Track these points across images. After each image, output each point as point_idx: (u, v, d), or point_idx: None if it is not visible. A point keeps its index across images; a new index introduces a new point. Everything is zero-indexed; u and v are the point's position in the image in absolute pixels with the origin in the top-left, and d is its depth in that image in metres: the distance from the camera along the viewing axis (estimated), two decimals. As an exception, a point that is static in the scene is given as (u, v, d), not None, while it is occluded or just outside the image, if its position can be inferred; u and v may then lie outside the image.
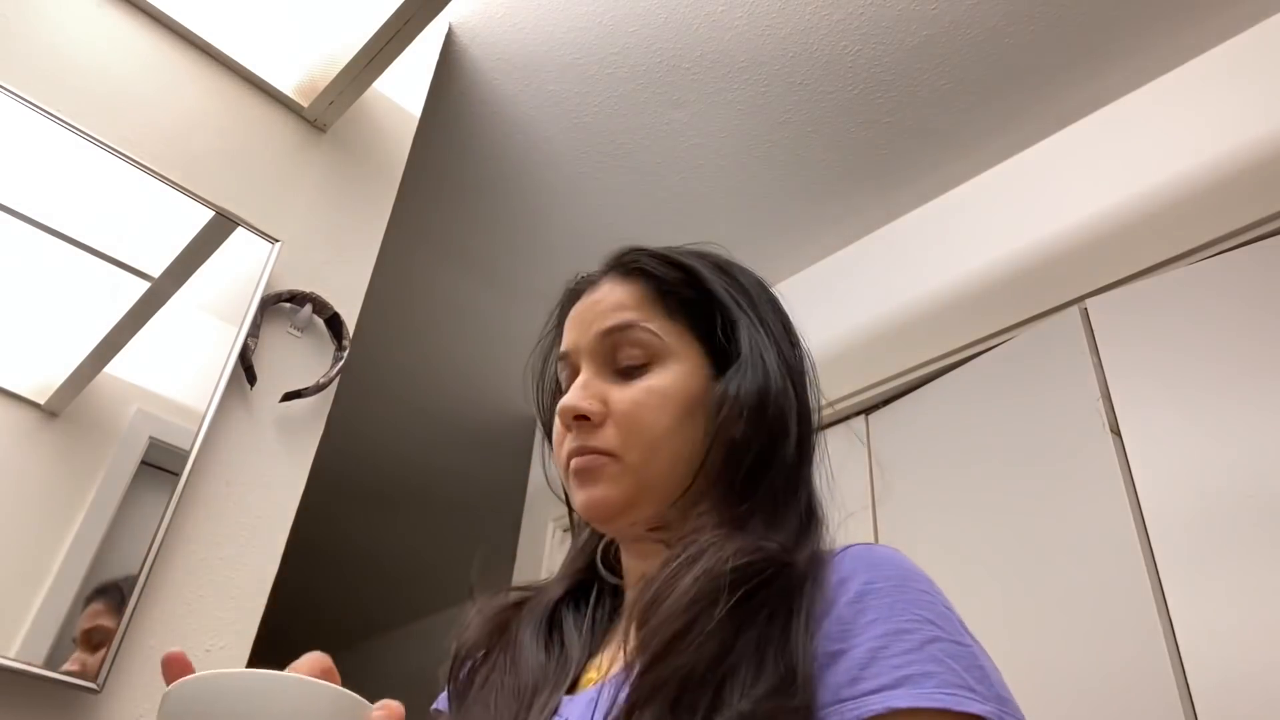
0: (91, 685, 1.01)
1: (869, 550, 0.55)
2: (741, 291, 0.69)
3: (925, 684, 0.46)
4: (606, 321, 0.65)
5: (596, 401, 0.63)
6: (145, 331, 1.19)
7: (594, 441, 0.62)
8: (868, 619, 0.50)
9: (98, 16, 1.32)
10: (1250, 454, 1.25)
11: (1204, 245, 1.47)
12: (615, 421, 0.62)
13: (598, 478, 0.61)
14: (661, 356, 0.64)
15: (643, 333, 0.64)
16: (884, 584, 0.51)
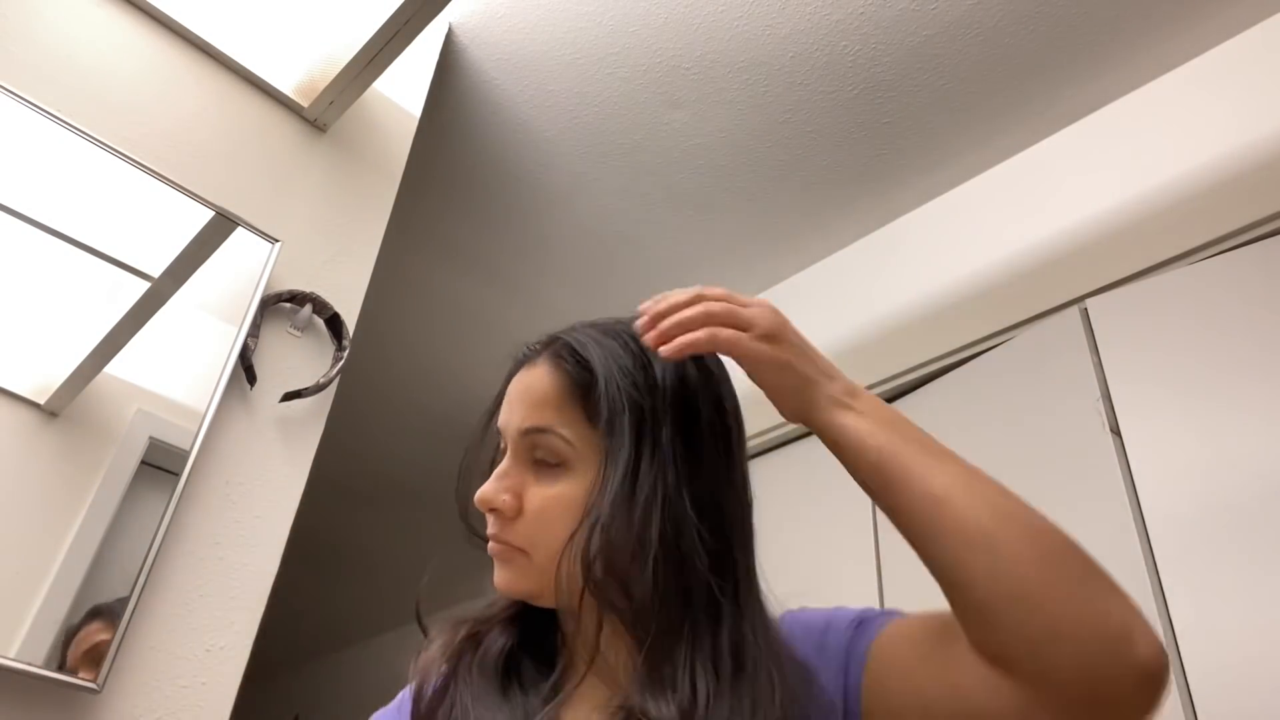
0: (91, 685, 1.01)
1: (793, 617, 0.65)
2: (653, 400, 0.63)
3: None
4: (525, 421, 0.64)
5: (511, 495, 0.63)
6: (145, 331, 1.19)
7: (505, 535, 0.63)
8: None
9: (97, 16, 1.32)
10: (1250, 454, 1.25)
11: (1204, 245, 1.47)
12: (526, 520, 0.63)
13: (508, 566, 0.64)
14: (572, 464, 0.62)
15: (556, 439, 0.63)
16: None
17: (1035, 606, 0.50)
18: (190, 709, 1.08)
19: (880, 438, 0.58)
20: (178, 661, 1.09)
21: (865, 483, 0.59)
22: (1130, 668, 0.49)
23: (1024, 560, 0.51)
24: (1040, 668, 0.50)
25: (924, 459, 0.56)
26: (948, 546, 0.53)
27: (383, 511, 3.37)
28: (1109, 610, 0.51)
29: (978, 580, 0.52)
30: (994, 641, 0.52)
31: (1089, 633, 0.50)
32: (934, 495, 0.54)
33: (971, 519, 0.53)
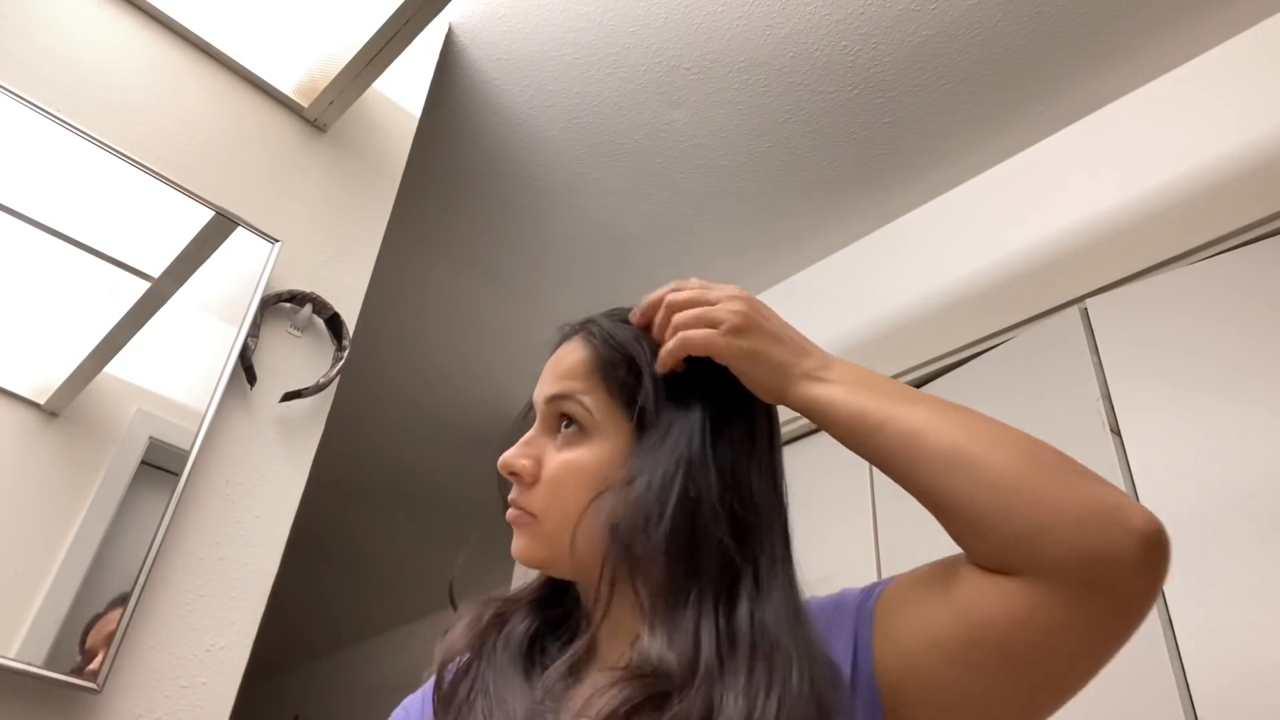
0: (91, 685, 1.01)
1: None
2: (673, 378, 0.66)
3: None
4: (552, 388, 0.67)
5: (531, 461, 0.66)
6: (145, 331, 1.19)
7: (521, 500, 0.65)
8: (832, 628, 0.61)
9: (98, 16, 1.32)
10: (1250, 454, 1.25)
11: (1204, 245, 1.47)
12: (541, 485, 0.65)
13: (522, 532, 0.66)
14: (590, 432, 0.65)
15: (576, 405, 0.65)
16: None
17: (1019, 504, 0.52)
18: (190, 709, 1.08)
19: (854, 397, 0.60)
20: (178, 661, 1.09)
21: (848, 440, 0.60)
22: (1125, 535, 0.50)
23: (1000, 465, 0.54)
24: (1038, 560, 0.52)
25: (898, 404, 0.59)
26: (929, 472, 0.56)
27: (383, 511, 3.37)
28: (1093, 493, 0.52)
29: (962, 495, 0.54)
30: (990, 549, 0.54)
31: (1076, 515, 0.51)
32: (909, 430, 0.57)
33: (946, 440, 0.56)
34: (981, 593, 0.54)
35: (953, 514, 0.55)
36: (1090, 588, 0.51)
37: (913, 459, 0.56)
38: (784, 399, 0.63)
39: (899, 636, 0.57)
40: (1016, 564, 0.53)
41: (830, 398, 0.61)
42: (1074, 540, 0.51)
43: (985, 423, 0.57)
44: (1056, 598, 0.51)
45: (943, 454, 0.55)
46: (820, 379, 0.62)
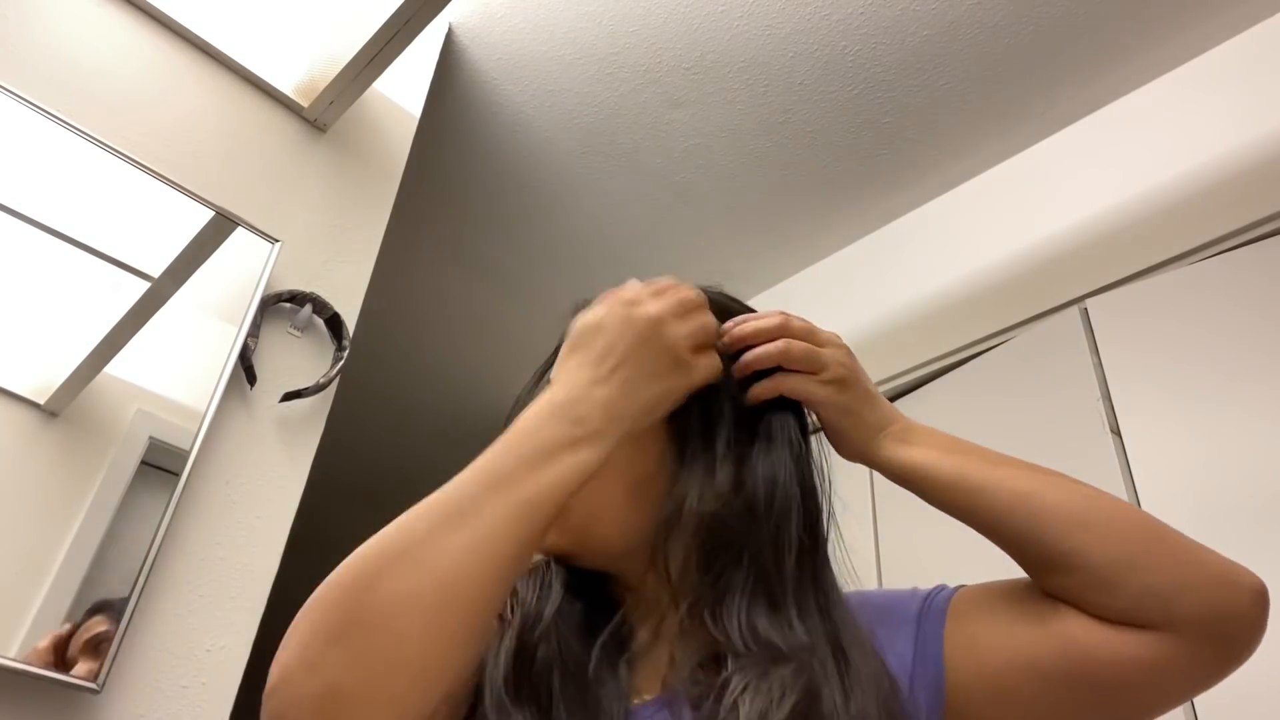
0: (91, 685, 1.00)
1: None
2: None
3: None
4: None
5: None
6: (145, 331, 1.19)
7: None
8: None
9: (98, 17, 1.32)
10: (1250, 454, 1.25)
11: (1204, 245, 1.47)
12: None
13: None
14: None
15: None
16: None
17: (1152, 564, 0.55)
18: (190, 709, 1.08)
19: (949, 460, 0.62)
20: (178, 661, 1.09)
21: (944, 502, 0.61)
22: (1246, 593, 0.55)
23: (1125, 529, 0.57)
24: (1175, 617, 0.55)
25: (997, 468, 0.61)
26: (1053, 530, 0.57)
27: (383, 511, 3.35)
28: (1209, 559, 0.56)
29: (1091, 553, 0.56)
30: (1119, 606, 0.56)
31: (1204, 575, 0.55)
32: (1022, 491, 0.59)
33: (1067, 501, 0.58)
34: (1101, 640, 0.56)
35: (1077, 571, 0.56)
36: (1218, 640, 0.55)
37: (1033, 518, 0.58)
38: (868, 459, 0.64)
39: (982, 646, 0.59)
40: (1150, 620, 0.55)
41: (925, 460, 0.62)
42: (1207, 599, 0.55)
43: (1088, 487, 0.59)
44: (1186, 649, 0.55)
45: (1068, 513, 0.57)
46: (909, 443, 0.63)
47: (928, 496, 0.62)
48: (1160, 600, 0.55)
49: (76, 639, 1.02)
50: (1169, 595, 0.55)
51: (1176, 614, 0.55)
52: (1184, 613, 0.55)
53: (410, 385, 2.76)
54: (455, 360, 2.66)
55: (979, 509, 0.60)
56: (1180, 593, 0.55)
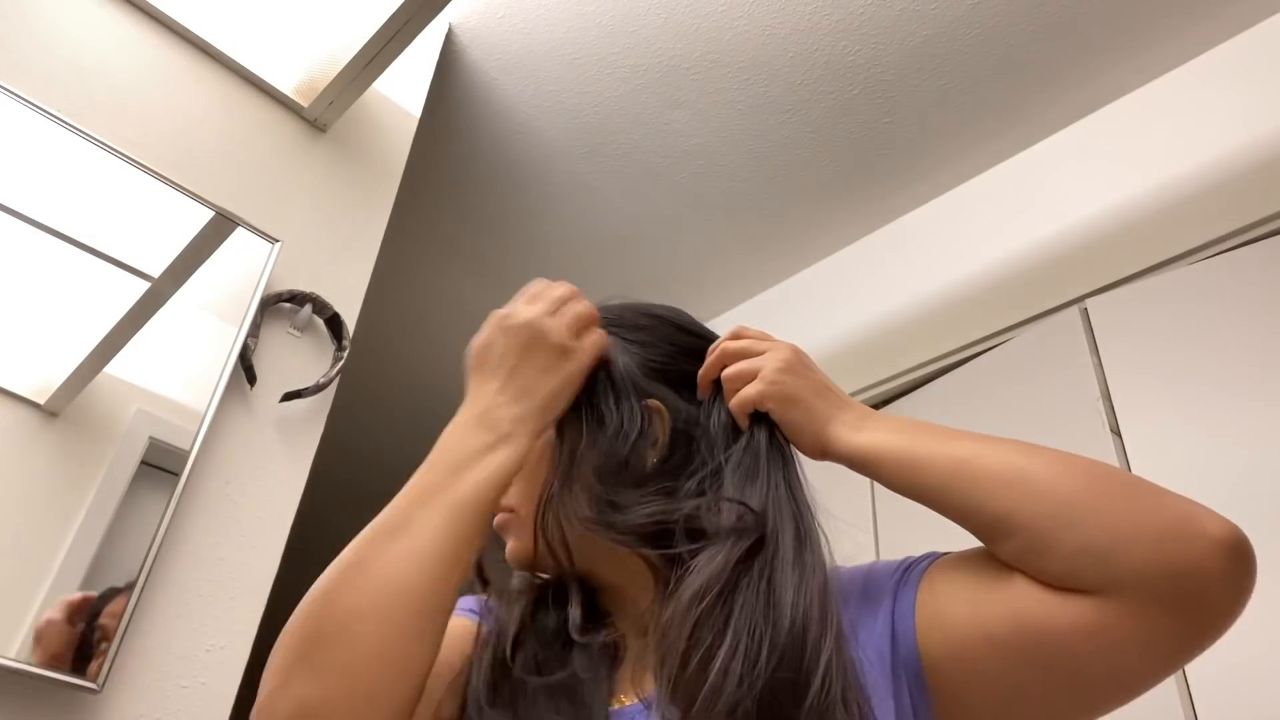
0: (91, 685, 1.00)
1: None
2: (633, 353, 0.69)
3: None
4: None
5: None
6: (145, 331, 1.19)
7: (503, 500, 0.66)
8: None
9: (98, 16, 1.32)
10: (1251, 454, 1.25)
11: (1204, 245, 1.47)
12: (518, 477, 0.65)
13: (506, 532, 0.67)
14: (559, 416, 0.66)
15: None
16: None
17: (1088, 519, 0.51)
18: (190, 709, 1.08)
19: (896, 438, 0.61)
20: (178, 661, 1.09)
21: (896, 480, 0.60)
22: (1206, 544, 0.49)
23: (1062, 481, 0.53)
24: (1113, 574, 0.50)
25: (943, 440, 0.59)
26: (985, 492, 0.55)
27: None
28: (1163, 504, 0.51)
29: (1024, 511, 0.53)
30: (1055, 568, 0.52)
31: (1150, 527, 0.50)
32: (961, 458, 0.57)
33: (1001, 461, 0.56)
34: (1045, 608, 0.52)
35: (1012, 533, 0.53)
36: (1172, 602, 0.49)
37: (967, 483, 0.56)
38: (826, 448, 0.64)
39: (946, 619, 0.57)
40: (1086, 581, 0.51)
41: (875, 441, 0.61)
42: (1152, 554, 0.49)
43: (1040, 447, 0.56)
44: (1133, 613, 0.50)
45: (999, 474, 0.55)
46: (862, 428, 0.63)
47: (882, 479, 0.61)
48: (1096, 557, 0.50)
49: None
50: (1105, 551, 0.50)
51: (1115, 573, 0.50)
52: (1123, 571, 0.49)
53: (410, 385, 2.76)
54: (455, 360, 2.65)
55: (924, 484, 0.58)
56: (1118, 548, 0.50)
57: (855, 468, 0.63)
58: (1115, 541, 0.50)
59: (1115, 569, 0.50)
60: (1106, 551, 0.50)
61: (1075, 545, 0.51)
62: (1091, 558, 0.50)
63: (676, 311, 0.74)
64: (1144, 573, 0.49)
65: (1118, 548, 0.50)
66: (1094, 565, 0.50)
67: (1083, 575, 0.51)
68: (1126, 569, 0.49)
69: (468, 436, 0.60)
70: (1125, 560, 0.49)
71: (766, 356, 0.66)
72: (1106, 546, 0.50)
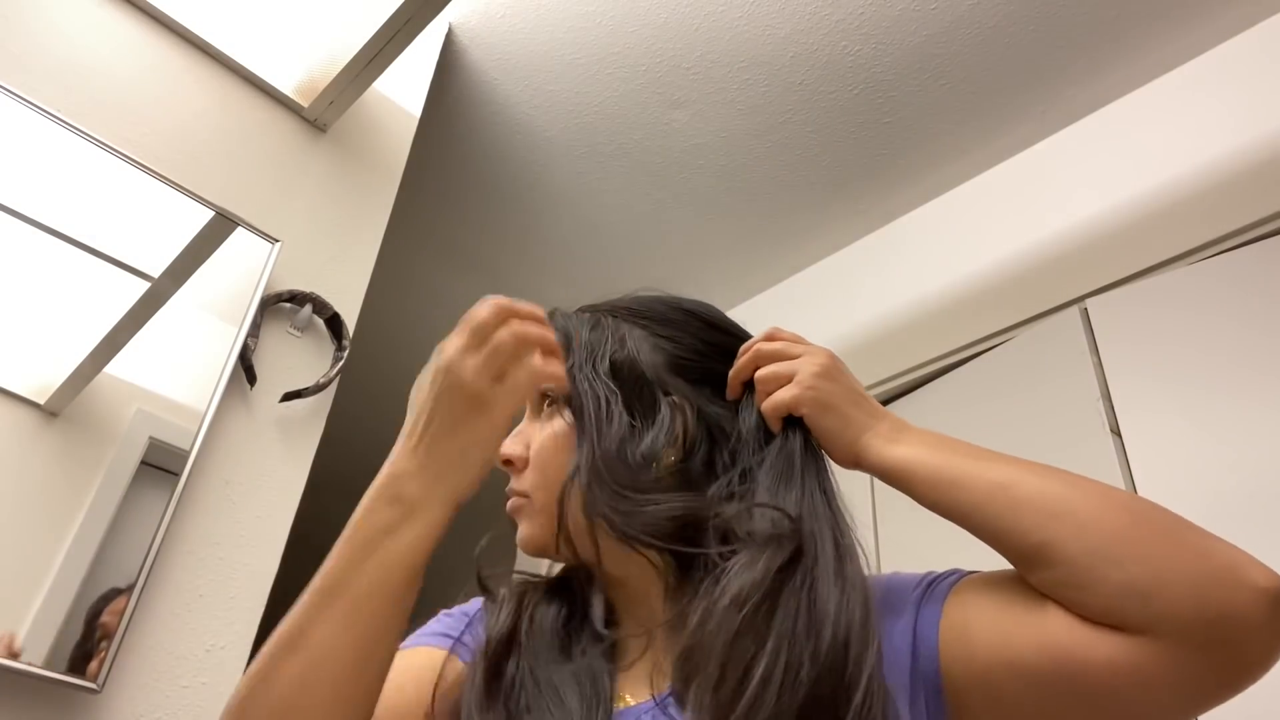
0: (91, 685, 1.01)
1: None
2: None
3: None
4: None
5: (520, 446, 0.66)
6: (145, 331, 1.19)
7: (514, 484, 0.66)
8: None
9: (98, 17, 1.32)
10: (1251, 453, 1.25)
11: (1204, 245, 1.47)
12: (530, 463, 0.65)
13: (520, 517, 0.66)
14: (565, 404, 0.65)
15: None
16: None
17: (1134, 558, 0.50)
18: (190, 709, 1.08)
19: (933, 456, 0.60)
20: (178, 661, 1.09)
21: (927, 498, 0.60)
22: (1250, 593, 0.48)
23: (1109, 517, 0.52)
24: (1154, 615, 0.49)
25: (980, 461, 0.58)
26: (1028, 520, 0.54)
27: (383, 511, 3.36)
28: (1210, 548, 0.50)
29: (1068, 545, 0.52)
30: (1096, 603, 0.51)
31: (1195, 571, 0.49)
32: (1000, 482, 0.56)
33: (1046, 490, 0.54)
34: (1080, 640, 0.51)
35: (1053, 564, 0.52)
36: (1210, 648, 0.49)
37: (1010, 509, 0.55)
38: (859, 457, 0.63)
39: (973, 644, 0.56)
40: (1126, 620, 0.50)
41: (910, 456, 0.60)
42: (1195, 598, 0.49)
43: (1081, 478, 0.55)
44: (1170, 655, 0.49)
45: (1046, 501, 0.54)
46: (897, 440, 0.62)
47: (914, 494, 0.61)
48: (1139, 598, 0.49)
49: (111, 611, 1.04)
50: (1148, 592, 0.49)
51: (1156, 614, 0.49)
52: (1165, 613, 0.49)
53: (410, 385, 2.76)
54: (455, 360, 2.66)
55: (959, 503, 0.57)
56: (1162, 590, 0.49)
57: (888, 480, 0.62)
58: (1159, 583, 0.49)
59: (1157, 610, 0.49)
60: (1149, 591, 0.49)
61: (1119, 583, 0.50)
62: (1134, 598, 0.50)
63: (708, 307, 0.73)
64: (1185, 616, 0.49)
65: (1161, 589, 0.49)
66: (1136, 605, 0.50)
67: (1124, 614, 0.50)
68: (1168, 611, 0.49)
69: (374, 511, 0.55)
70: (1168, 602, 0.49)
71: (802, 360, 0.65)
72: (1149, 587, 0.49)
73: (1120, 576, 0.50)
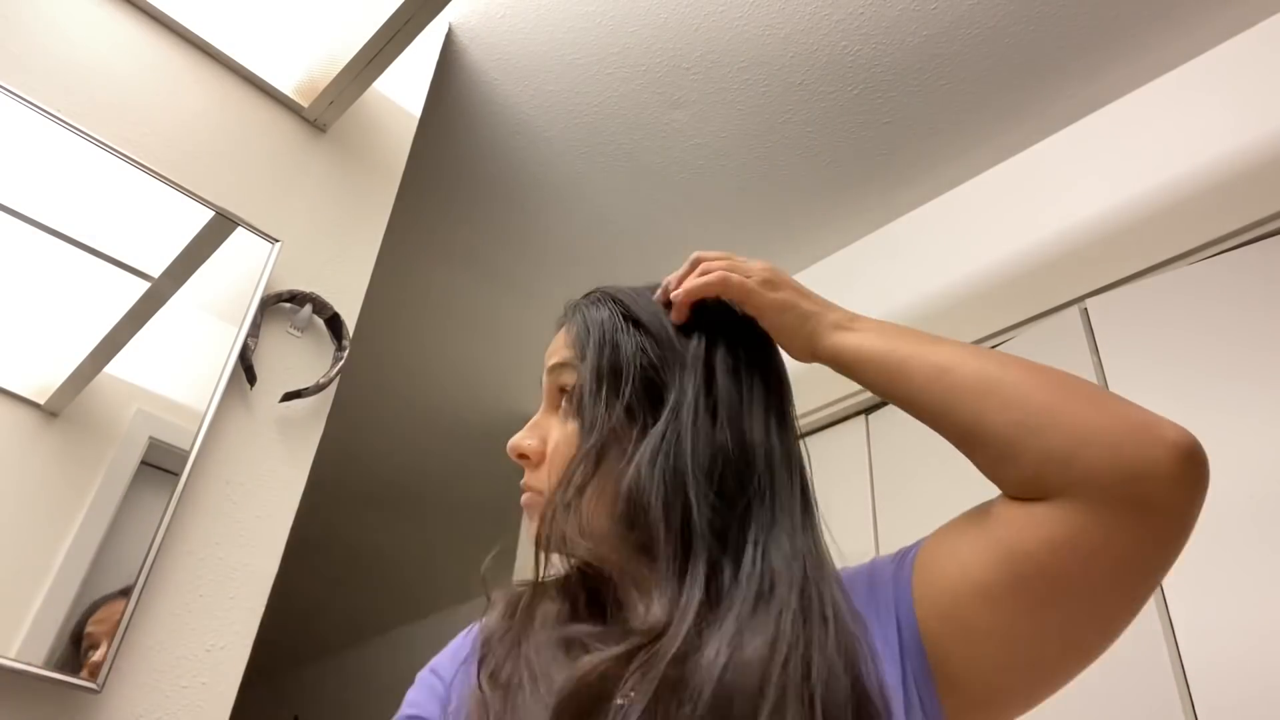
0: (91, 685, 1.01)
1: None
2: (660, 353, 0.66)
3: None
4: (550, 360, 0.68)
5: (537, 440, 0.66)
6: (145, 331, 1.19)
7: (528, 479, 0.66)
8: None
9: (98, 17, 1.32)
10: (1250, 453, 1.25)
11: (1204, 245, 1.47)
12: (547, 461, 0.65)
13: (532, 514, 0.66)
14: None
15: (571, 372, 0.66)
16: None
17: (1052, 424, 0.53)
18: (190, 709, 1.08)
19: (881, 341, 0.62)
20: (178, 661, 1.09)
21: (877, 383, 0.62)
22: (1161, 448, 0.51)
23: (1033, 390, 0.55)
24: (1073, 478, 0.52)
25: (925, 345, 0.61)
26: (963, 402, 0.57)
27: (383, 511, 3.36)
28: (1126, 410, 0.53)
29: (994, 419, 0.55)
30: (1023, 473, 0.54)
31: (1110, 430, 0.52)
32: (939, 365, 0.59)
33: (980, 371, 0.57)
34: (1018, 524, 0.54)
35: (984, 441, 0.56)
36: (1129, 504, 0.51)
37: (944, 392, 0.58)
38: (815, 349, 0.65)
39: (938, 584, 0.57)
40: (1051, 485, 0.53)
41: (859, 343, 0.63)
42: (1109, 456, 0.51)
43: (1016, 358, 0.58)
44: (1094, 518, 0.51)
45: (974, 383, 0.57)
46: (850, 329, 0.64)
47: (863, 380, 0.63)
48: (1059, 463, 0.52)
49: (98, 619, 1.03)
50: (1068, 456, 0.52)
51: (1077, 477, 0.51)
52: (1084, 475, 0.51)
53: (410, 385, 2.76)
54: (455, 360, 2.66)
55: (902, 388, 0.60)
56: (1080, 450, 0.51)
57: (841, 369, 0.64)
58: (1076, 446, 0.52)
59: (1077, 473, 0.51)
60: (1068, 455, 0.52)
61: (1039, 450, 0.53)
62: (1054, 463, 0.52)
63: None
64: (1103, 476, 0.51)
65: (1078, 451, 0.52)
66: (1057, 469, 0.52)
67: (1046, 480, 0.53)
68: (1087, 473, 0.51)
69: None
70: (1085, 463, 0.51)
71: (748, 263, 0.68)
72: (1068, 451, 0.52)
73: (1040, 444, 0.53)
